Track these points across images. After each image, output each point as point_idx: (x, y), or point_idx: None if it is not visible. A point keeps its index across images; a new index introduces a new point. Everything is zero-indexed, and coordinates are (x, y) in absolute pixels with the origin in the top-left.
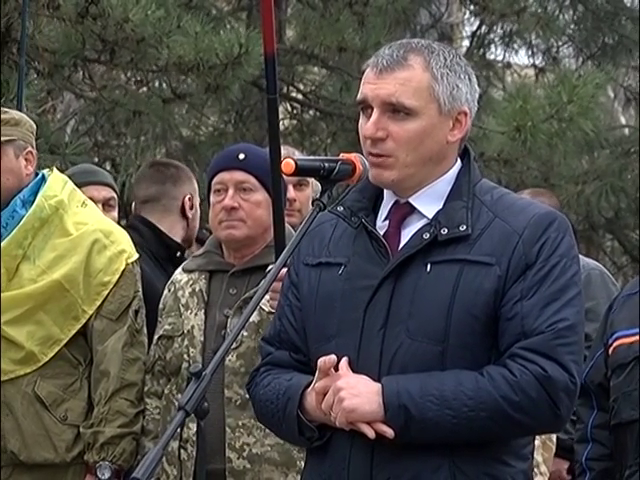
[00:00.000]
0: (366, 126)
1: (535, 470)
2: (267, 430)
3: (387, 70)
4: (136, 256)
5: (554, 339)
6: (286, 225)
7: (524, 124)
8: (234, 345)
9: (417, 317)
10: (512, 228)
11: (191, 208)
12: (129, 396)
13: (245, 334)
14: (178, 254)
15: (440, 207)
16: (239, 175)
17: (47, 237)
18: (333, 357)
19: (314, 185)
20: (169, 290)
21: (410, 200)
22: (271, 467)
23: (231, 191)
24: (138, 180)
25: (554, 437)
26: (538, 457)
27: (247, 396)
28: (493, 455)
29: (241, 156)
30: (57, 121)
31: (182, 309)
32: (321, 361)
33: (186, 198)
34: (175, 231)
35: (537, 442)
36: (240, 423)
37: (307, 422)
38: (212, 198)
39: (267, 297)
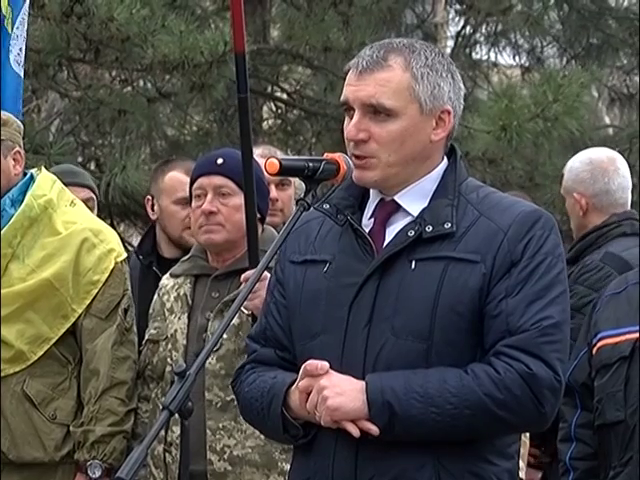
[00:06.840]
0: (348, 128)
1: None
2: (248, 432)
3: (367, 71)
4: (125, 255)
5: (539, 337)
6: (268, 227)
7: (510, 123)
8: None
9: (402, 314)
10: (497, 226)
11: (152, 209)
12: (119, 394)
13: (225, 337)
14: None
15: (425, 205)
16: (217, 180)
17: (36, 236)
18: (322, 363)
19: (296, 185)
20: (157, 295)
21: (395, 198)
22: (252, 469)
23: (210, 196)
24: None
25: (527, 433)
26: None
27: (227, 398)
28: (477, 453)
29: (219, 161)
30: (41, 121)
31: (167, 313)
32: (308, 364)
33: (147, 199)
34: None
35: None
36: (221, 425)
37: (292, 420)
38: (193, 203)
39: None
